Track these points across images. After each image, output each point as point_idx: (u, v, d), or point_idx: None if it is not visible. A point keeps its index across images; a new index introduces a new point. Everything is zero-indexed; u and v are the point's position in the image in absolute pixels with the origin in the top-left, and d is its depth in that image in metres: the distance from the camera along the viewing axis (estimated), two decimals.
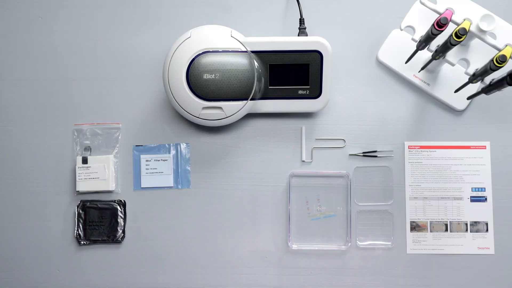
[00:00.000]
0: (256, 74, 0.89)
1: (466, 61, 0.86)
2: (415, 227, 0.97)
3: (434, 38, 0.78)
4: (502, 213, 0.97)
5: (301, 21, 0.96)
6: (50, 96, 1.00)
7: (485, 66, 0.77)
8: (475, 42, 0.85)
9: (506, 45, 0.78)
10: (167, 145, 0.99)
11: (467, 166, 0.97)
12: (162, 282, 0.98)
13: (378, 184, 0.98)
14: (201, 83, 0.87)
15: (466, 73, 0.85)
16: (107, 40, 1.00)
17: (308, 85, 0.93)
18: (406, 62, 0.91)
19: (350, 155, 0.98)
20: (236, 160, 0.99)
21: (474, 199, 0.97)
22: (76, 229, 0.98)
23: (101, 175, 0.97)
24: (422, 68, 0.92)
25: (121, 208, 0.98)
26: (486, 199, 0.97)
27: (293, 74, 0.93)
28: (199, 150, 0.99)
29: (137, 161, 0.99)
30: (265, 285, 0.96)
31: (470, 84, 0.84)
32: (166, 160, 0.98)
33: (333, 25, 0.99)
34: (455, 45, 0.76)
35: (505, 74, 0.74)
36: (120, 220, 0.98)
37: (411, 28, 0.87)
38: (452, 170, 0.97)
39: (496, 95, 0.84)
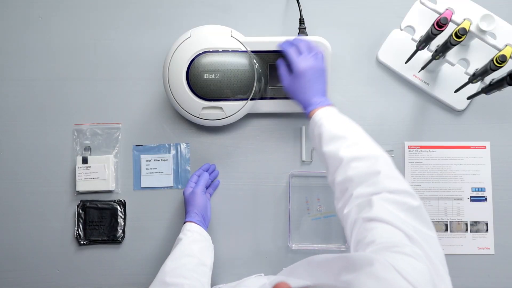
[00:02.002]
0: (256, 74, 0.89)
1: (466, 61, 0.86)
2: None
3: (434, 38, 0.78)
4: (502, 213, 0.97)
5: (301, 21, 0.96)
6: (50, 96, 1.00)
7: (485, 66, 0.77)
8: (475, 42, 0.85)
9: (506, 45, 0.78)
10: (167, 145, 0.99)
11: (467, 166, 0.97)
12: None
13: None
14: (201, 83, 0.87)
15: (466, 73, 0.85)
16: (107, 40, 1.00)
17: None
18: (406, 62, 0.91)
19: None
20: (236, 160, 0.99)
21: (474, 199, 0.97)
22: (76, 229, 0.98)
23: (101, 175, 0.97)
24: (422, 68, 0.92)
25: (121, 208, 0.98)
26: (486, 199, 0.97)
27: None
28: (199, 150, 0.99)
29: (137, 161, 0.99)
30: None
31: (470, 84, 0.84)
32: (166, 160, 0.98)
33: (333, 25, 0.99)
34: (455, 45, 0.76)
35: (505, 74, 0.74)
36: (120, 220, 0.98)
37: (411, 28, 0.87)
38: (452, 170, 0.97)
39: (496, 95, 0.84)
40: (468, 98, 0.88)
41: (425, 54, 0.92)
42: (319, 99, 0.78)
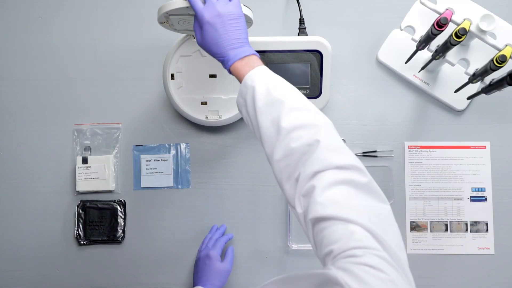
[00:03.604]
0: None
1: (466, 61, 0.86)
2: (415, 227, 0.97)
3: (434, 38, 0.78)
4: (502, 213, 0.97)
5: (301, 21, 0.96)
6: (50, 96, 1.00)
7: (485, 66, 0.77)
8: (475, 42, 0.85)
9: (506, 45, 0.78)
10: (167, 145, 0.99)
11: (467, 166, 0.97)
12: (162, 282, 0.98)
13: (378, 184, 0.97)
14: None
15: (466, 73, 0.85)
16: (107, 40, 1.00)
17: (308, 85, 0.93)
18: (406, 62, 0.91)
19: None
20: (236, 160, 0.99)
21: (474, 199, 0.97)
22: (76, 229, 0.98)
23: (101, 175, 0.97)
24: (422, 68, 0.92)
25: (121, 208, 0.98)
26: (486, 199, 0.97)
27: (293, 74, 0.92)
28: (199, 150, 0.99)
29: (137, 161, 0.99)
30: None
31: (470, 84, 0.84)
32: (166, 160, 0.98)
33: (333, 25, 0.99)
34: (455, 45, 0.76)
35: (505, 74, 0.74)
36: (120, 220, 0.98)
37: (411, 28, 0.86)
38: (452, 170, 0.97)
39: (496, 95, 0.84)
40: (468, 98, 0.88)
41: (425, 54, 0.92)
42: (236, 50, 0.68)
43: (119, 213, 0.98)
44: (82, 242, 0.98)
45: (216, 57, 0.70)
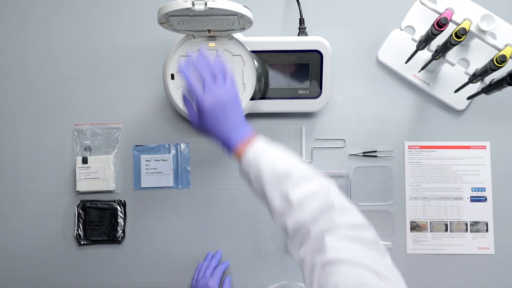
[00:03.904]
0: (256, 74, 0.89)
1: (466, 61, 0.86)
2: (415, 227, 0.97)
3: (434, 38, 0.78)
4: (502, 213, 0.97)
5: (301, 21, 0.96)
6: (50, 96, 1.00)
7: (485, 66, 0.77)
8: (475, 42, 0.85)
9: (506, 45, 0.78)
10: (167, 145, 0.99)
11: (467, 166, 0.97)
12: (162, 282, 0.98)
13: (378, 184, 0.98)
14: None
15: (466, 73, 0.85)
16: (107, 40, 1.00)
17: (308, 85, 0.93)
18: (406, 62, 0.91)
19: (350, 155, 0.98)
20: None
21: (474, 199, 0.97)
22: (76, 229, 0.98)
23: (101, 175, 0.97)
24: (422, 68, 0.92)
25: (121, 208, 0.98)
26: (486, 199, 0.97)
27: (293, 74, 0.93)
28: (199, 150, 0.99)
29: (137, 161, 0.99)
30: (265, 285, 0.96)
31: (470, 84, 0.84)
32: (166, 160, 0.98)
33: (333, 25, 0.99)
34: (455, 45, 0.76)
35: (505, 74, 0.74)
36: (120, 220, 0.98)
37: (411, 28, 0.86)
38: (452, 170, 0.97)
39: (496, 95, 0.84)
40: (468, 98, 0.88)
41: (425, 54, 0.92)
42: (237, 132, 0.69)
43: (119, 213, 0.98)
44: (82, 242, 0.98)
45: (214, 139, 0.71)
